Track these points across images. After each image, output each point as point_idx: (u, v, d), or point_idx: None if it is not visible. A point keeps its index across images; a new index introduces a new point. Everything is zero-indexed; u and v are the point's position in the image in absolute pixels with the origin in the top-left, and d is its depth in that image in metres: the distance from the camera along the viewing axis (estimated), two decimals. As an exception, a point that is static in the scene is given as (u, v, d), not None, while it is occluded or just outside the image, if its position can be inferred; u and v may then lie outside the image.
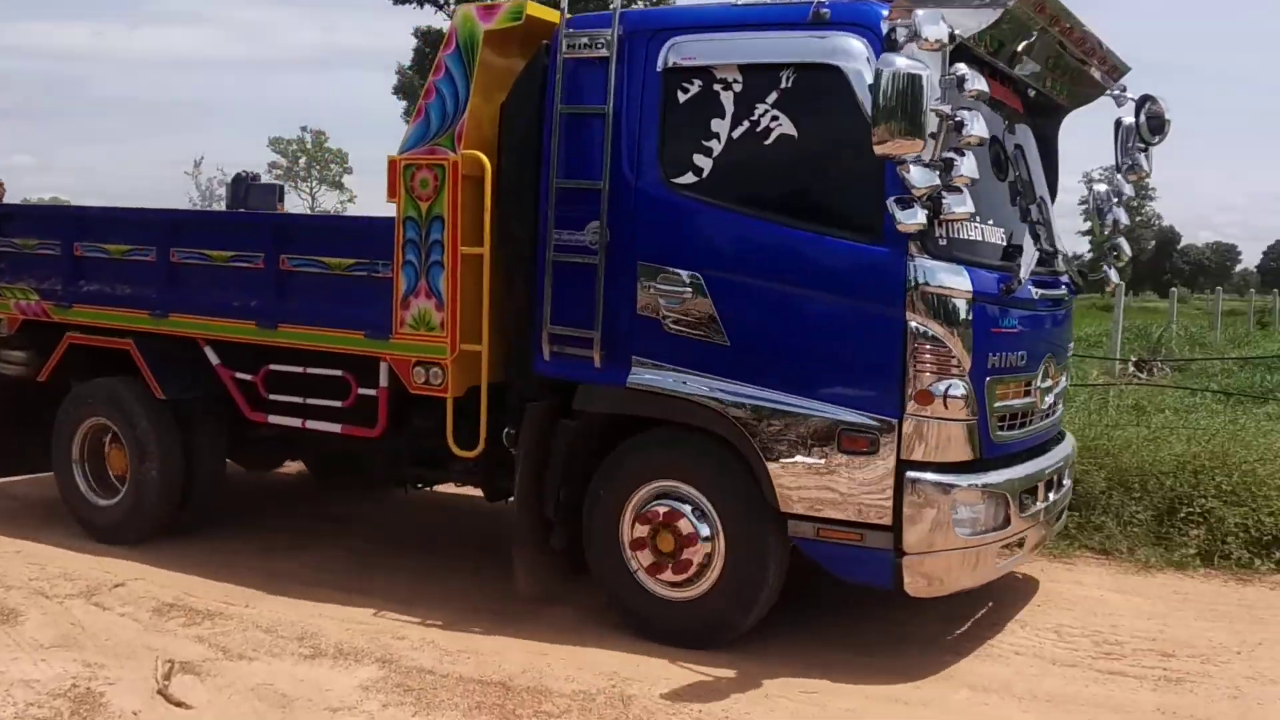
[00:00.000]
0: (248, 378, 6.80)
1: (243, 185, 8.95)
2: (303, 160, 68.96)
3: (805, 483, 5.08)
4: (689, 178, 5.36)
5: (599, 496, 5.64)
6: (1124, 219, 6.39)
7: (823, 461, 5.04)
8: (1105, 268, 6.55)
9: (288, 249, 6.50)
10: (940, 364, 4.91)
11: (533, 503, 5.78)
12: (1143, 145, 6.29)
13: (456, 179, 5.86)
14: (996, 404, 5.20)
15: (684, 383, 5.33)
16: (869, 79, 4.83)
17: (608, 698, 4.83)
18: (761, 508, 5.25)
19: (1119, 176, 6.35)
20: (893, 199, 4.72)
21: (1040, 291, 5.63)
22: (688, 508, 5.37)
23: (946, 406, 4.90)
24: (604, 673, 5.11)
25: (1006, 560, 5.40)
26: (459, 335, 5.92)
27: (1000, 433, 5.27)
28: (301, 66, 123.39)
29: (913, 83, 4.50)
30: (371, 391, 6.32)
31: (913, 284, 4.90)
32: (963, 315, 4.95)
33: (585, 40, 5.56)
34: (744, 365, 5.23)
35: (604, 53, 5.50)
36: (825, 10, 5.07)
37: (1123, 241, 6.46)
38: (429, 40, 35.85)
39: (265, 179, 10.13)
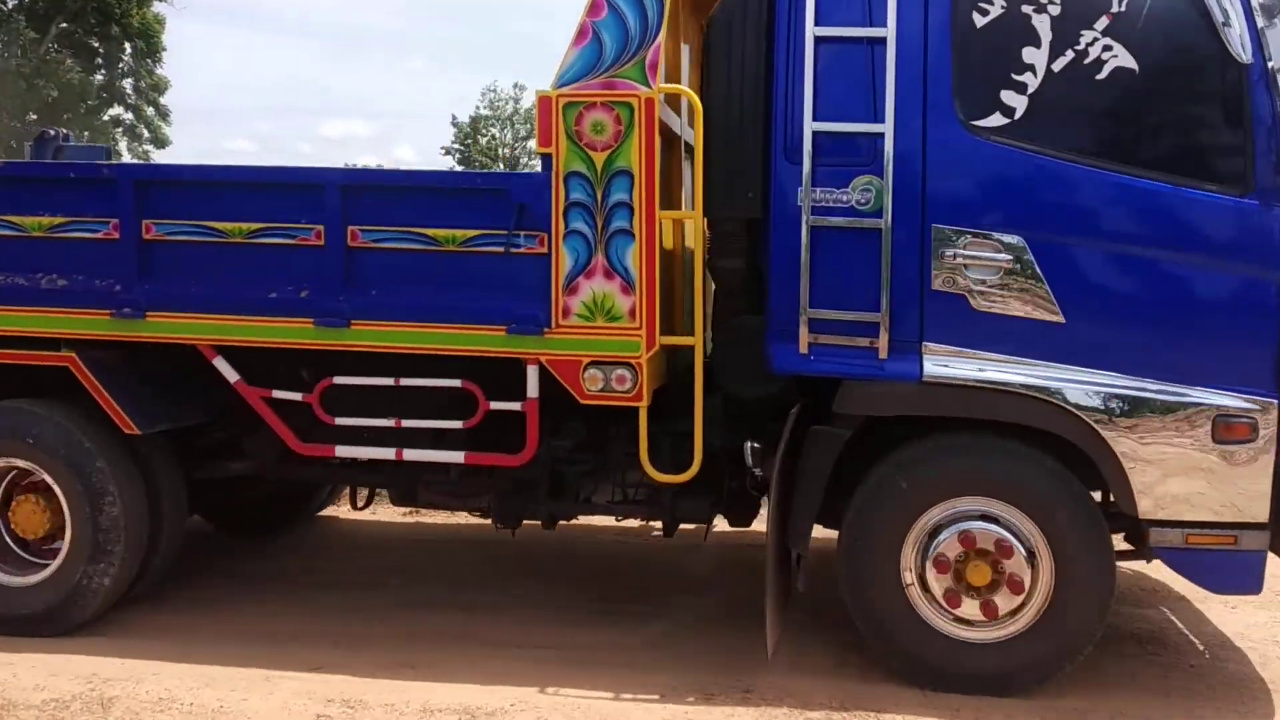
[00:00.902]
0: (295, 397, 4.93)
1: (49, 146, 6.66)
2: None
3: (1174, 482, 4.29)
4: (996, 119, 4.35)
5: (869, 520, 4.52)
6: None
7: (1196, 455, 4.27)
8: None
9: (361, 217, 4.73)
10: None
11: (779, 535, 4.56)
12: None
13: (651, 122, 4.48)
14: None
15: (1009, 372, 4.36)
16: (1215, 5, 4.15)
17: (85, 703, 4.36)
18: (1100, 527, 4.41)
19: None
20: None
21: None
22: (1009, 534, 4.40)
23: None
24: (81, 676, 4.59)
25: None
26: (657, 326, 4.55)
27: None
28: None
29: None
30: (512, 405, 4.75)
31: None
32: (1328, 274, 4.36)
33: None
34: (1085, 346, 4.33)
35: (878, -41, 4.36)
36: None
37: None
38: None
39: None
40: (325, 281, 4.75)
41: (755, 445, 4.59)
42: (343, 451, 4.98)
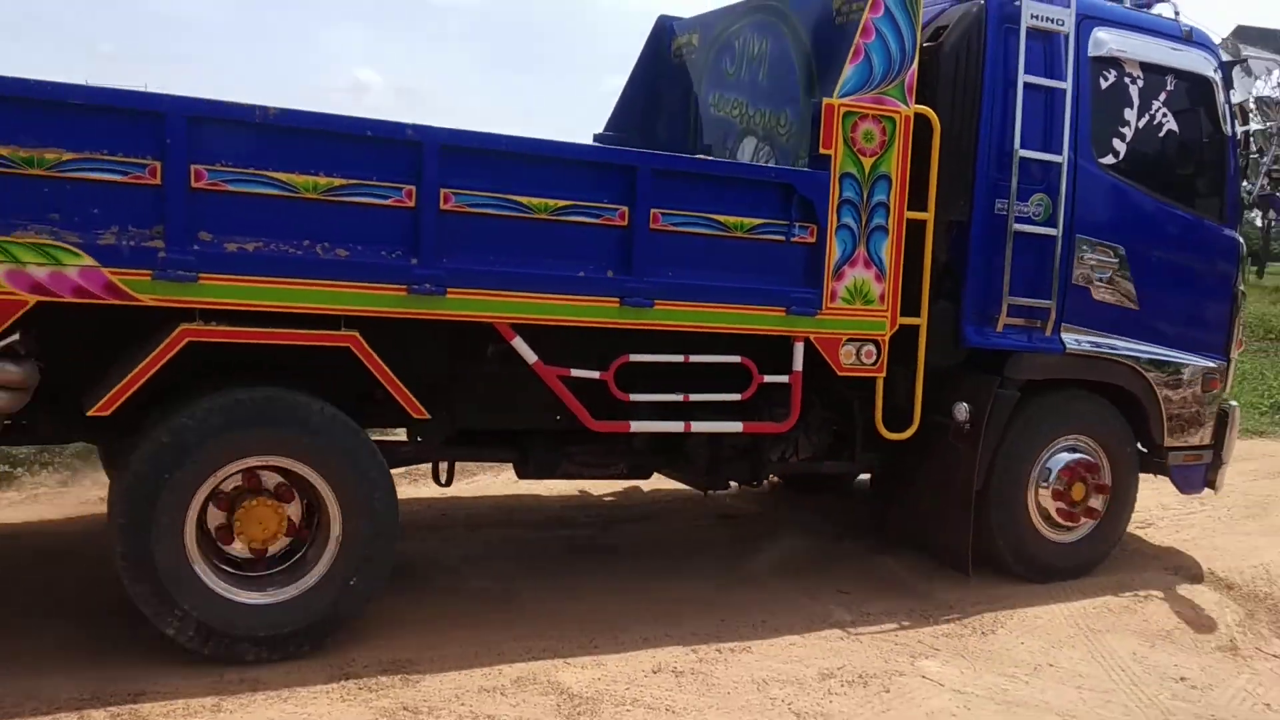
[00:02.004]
0: (592, 375, 4.88)
1: None
2: None
3: (1185, 420, 6.25)
4: (1110, 159, 5.89)
5: (1013, 458, 5.85)
6: None
7: (1196, 402, 6.27)
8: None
9: (664, 201, 4.86)
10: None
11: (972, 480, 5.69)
12: None
13: (908, 135, 5.31)
14: None
15: (1108, 346, 5.95)
16: (1218, 94, 6.15)
17: None
18: (1134, 451, 6.21)
19: None
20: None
21: None
22: (1092, 457, 6.03)
23: (1240, 345, 6.55)
24: None
25: None
26: (899, 308, 5.40)
27: None
28: None
29: None
30: (780, 378, 5.25)
31: (1243, 254, 6.39)
32: (1239, 278, 6.60)
33: (1046, 15, 5.57)
34: (1147, 327, 6.09)
35: (1063, 29, 5.61)
36: (1190, 31, 6.13)
37: None
38: None
39: None
40: (629, 262, 4.81)
41: (967, 406, 5.65)
42: (638, 427, 5.05)
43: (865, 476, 6.76)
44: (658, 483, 6.75)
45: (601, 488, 7.53)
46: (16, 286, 3.90)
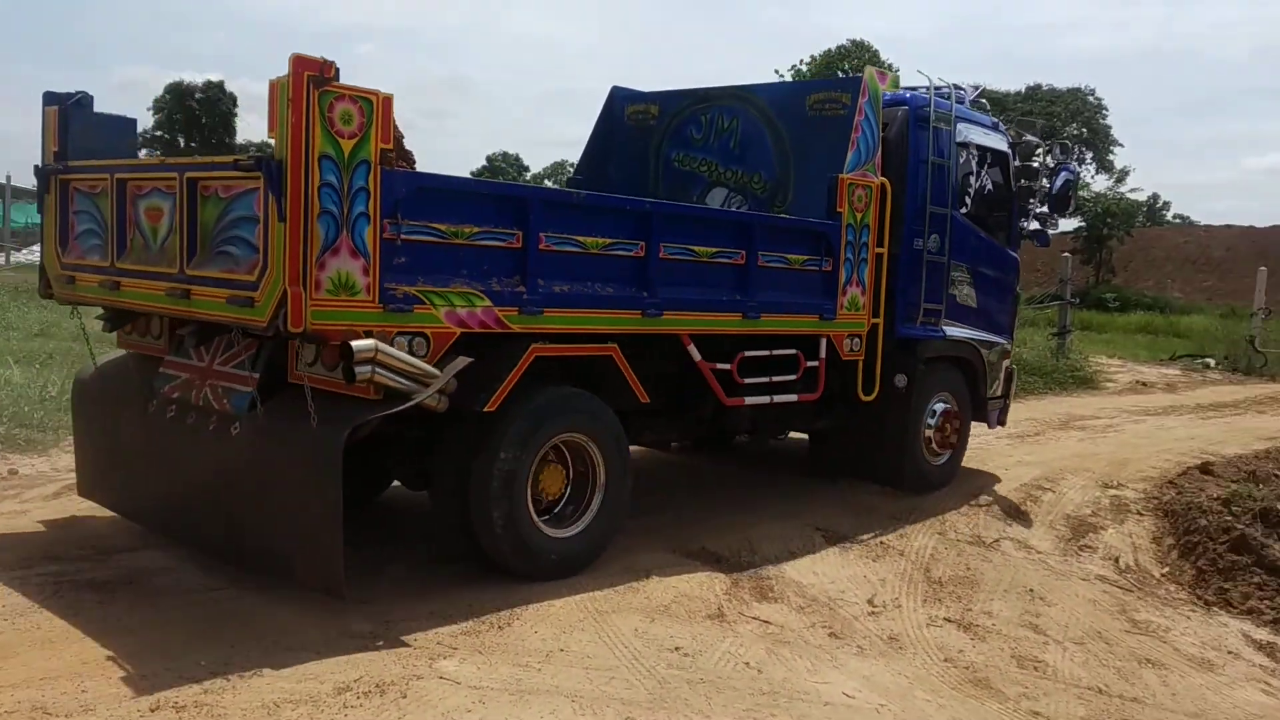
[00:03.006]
0: (726, 367, 7.06)
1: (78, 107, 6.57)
2: None
3: (996, 379, 9.47)
4: (964, 209, 8.92)
5: (917, 409, 8.73)
6: None
7: (1001, 367, 9.51)
8: None
9: (763, 246, 7.15)
10: None
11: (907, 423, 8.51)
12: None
13: (878, 197, 7.99)
14: None
15: (966, 333, 9.00)
16: (1010, 163, 9.45)
17: None
18: (969, 403, 9.34)
19: None
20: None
21: None
22: (955, 409, 9.08)
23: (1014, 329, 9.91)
24: None
25: None
26: (871, 313, 8.06)
27: None
28: None
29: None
30: (814, 363, 7.71)
31: (1018, 268, 9.76)
32: (1012, 285, 9.95)
33: (941, 116, 8.45)
34: (981, 319, 9.22)
35: (948, 126, 8.53)
36: (996, 123, 9.35)
37: None
38: None
39: None
40: (746, 288, 7.06)
41: (905, 376, 8.39)
42: (750, 400, 7.27)
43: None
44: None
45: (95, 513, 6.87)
46: (451, 323, 5.53)
